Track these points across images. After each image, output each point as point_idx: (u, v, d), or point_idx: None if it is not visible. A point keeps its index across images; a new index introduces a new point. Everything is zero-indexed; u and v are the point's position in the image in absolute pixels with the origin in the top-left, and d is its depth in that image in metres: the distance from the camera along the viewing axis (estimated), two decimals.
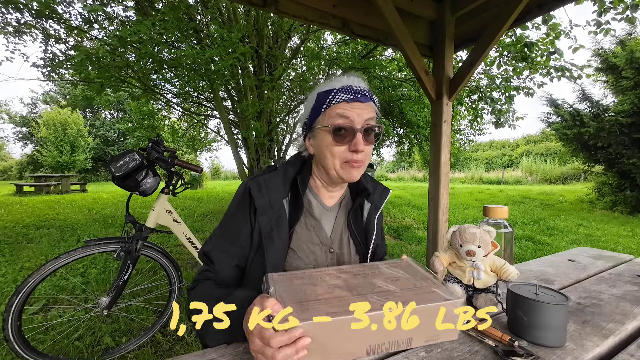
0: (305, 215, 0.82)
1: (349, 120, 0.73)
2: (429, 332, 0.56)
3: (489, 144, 31.23)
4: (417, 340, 0.56)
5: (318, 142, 0.78)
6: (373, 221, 0.86)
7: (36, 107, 25.54)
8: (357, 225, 0.86)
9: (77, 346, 1.82)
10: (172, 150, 1.85)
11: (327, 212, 0.85)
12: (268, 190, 0.76)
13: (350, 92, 0.74)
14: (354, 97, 0.74)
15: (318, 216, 0.83)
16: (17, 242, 3.95)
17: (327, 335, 0.50)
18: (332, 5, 1.85)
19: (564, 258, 1.19)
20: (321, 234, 0.82)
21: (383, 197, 0.90)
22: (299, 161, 0.86)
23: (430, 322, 0.55)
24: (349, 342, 0.52)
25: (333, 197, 0.87)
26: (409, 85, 5.59)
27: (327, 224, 0.84)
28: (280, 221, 0.75)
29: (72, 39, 4.42)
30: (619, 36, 7.24)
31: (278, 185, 0.78)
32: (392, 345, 0.55)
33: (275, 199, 0.76)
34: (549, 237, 4.77)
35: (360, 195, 0.86)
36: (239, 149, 5.53)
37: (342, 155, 0.75)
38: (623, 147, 6.86)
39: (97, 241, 1.64)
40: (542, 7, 1.83)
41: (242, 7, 5.01)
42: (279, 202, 0.76)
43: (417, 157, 13.81)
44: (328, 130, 0.74)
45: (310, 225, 0.81)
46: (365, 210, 0.87)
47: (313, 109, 0.77)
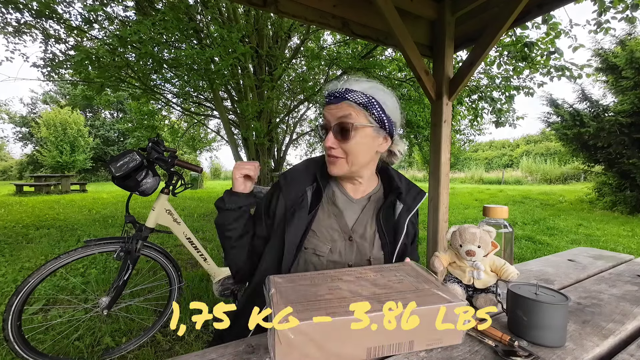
0: (328, 203, 0.89)
1: (326, 120, 0.83)
2: (431, 335, 0.56)
3: (489, 144, 31.24)
4: (419, 343, 0.55)
5: None
6: (404, 222, 0.88)
7: (36, 107, 25.58)
8: (387, 223, 0.89)
9: (77, 346, 1.82)
10: (172, 150, 1.85)
11: (352, 203, 0.90)
12: (292, 179, 0.88)
13: (327, 96, 0.83)
14: (328, 100, 0.83)
15: (341, 206, 0.88)
16: (17, 242, 3.95)
17: (327, 336, 0.49)
18: (332, 5, 1.85)
19: (564, 258, 1.19)
20: (341, 222, 0.87)
21: (417, 200, 0.92)
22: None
23: (432, 324, 0.55)
24: (349, 344, 0.51)
25: (358, 191, 0.91)
26: (409, 85, 5.60)
27: (351, 214, 0.89)
28: (302, 205, 0.84)
29: (72, 39, 4.42)
30: (619, 36, 7.24)
31: (302, 176, 0.89)
32: (393, 348, 0.54)
33: (299, 186, 0.87)
34: (549, 237, 4.77)
35: (392, 194, 0.90)
36: (239, 149, 5.54)
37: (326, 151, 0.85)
38: (623, 147, 6.86)
39: (97, 241, 1.64)
40: (542, 7, 1.83)
41: (242, 7, 5.01)
42: (302, 190, 0.86)
43: (417, 157, 13.82)
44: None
45: (332, 213, 0.87)
46: (398, 210, 0.90)
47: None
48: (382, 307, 0.52)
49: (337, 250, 0.84)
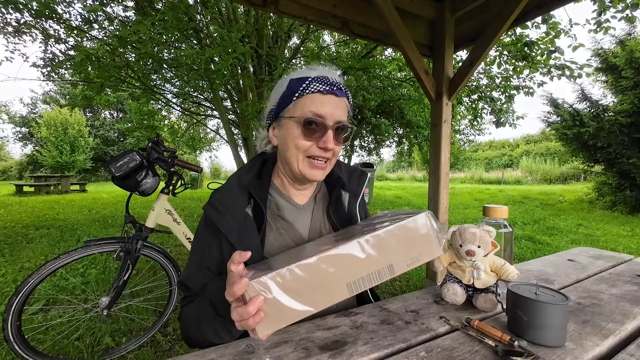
0: (275, 219, 0.77)
1: (321, 114, 0.68)
2: (408, 253, 0.54)
3: (489, 144, 31.25)
4: (399, 265, 0.54)
5: (283, 133, 0.72)
6: (355, 210, 0.82)
7: (36, 107, 25.57)
8: (340, 219, 0.80)
9: (77, 346, 1.82)
10: (172, 150, 1.85)
11: (300, 211, 0.79)
12: (225, 207, 0.71)
13: (326, 83, 0.68)
14: (329, 89, 0.69)
15: (290, 218, 0.77)
16: (17, 242, 3.95)
17: (302, 284, 0.49)
18: (332, 5, 1.85)
19: (563, 258, 1.19)
20: (295, 236, 0.76)
21: (361, 184, 0.85)
22: (257, 164, 0.81)
23: (403, 243, 0.54)
24: (326, 286, 0.50)
25: (304, 195, 0.81)
26: (409, 85, 5.60)
27: (302, 224, 0.78)
28: (249, 229, 0.70)
29: (72, 39, 4.42)
30: (619, 36, 7.24)
31: (235, 196, 0.73)
32: (373, 278, 0.53)
33: (237, 212, 0.71)
34: (549, 237, 4.77)
35: (337, 187, 0.82)
36: (239, 149, 5.54)
37: (309, 150, 0.70)
38: (623, 147, 6.87)
39: (97, 241, 1.64)
40: (542, 7, 1.83)
41: (241, 7, 5.00)
42: (242, 213, 0.71)
43: (417, 157, 13.83)
44: (298, 121, 0.68)
45: (283, 229, 0.76)
46: (345, 200, 0.82)
47: (283, 96, 0.71)
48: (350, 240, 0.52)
49: None
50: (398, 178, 23.64)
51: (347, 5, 1.90)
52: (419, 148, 7.47)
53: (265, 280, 0.47)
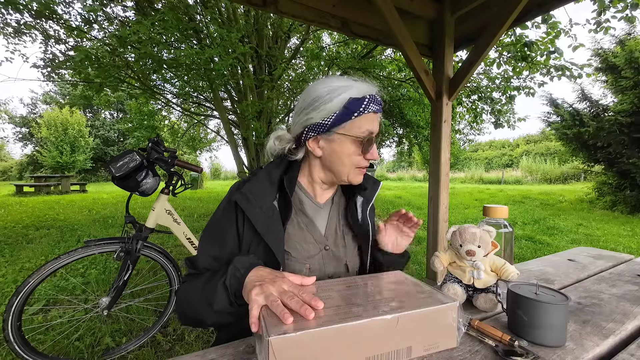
0: (297, 213, 0.81)
1: (374, 132, 0.75)
2: (428, 339, 0.55)
3: (489, 144, 31.26)
4: (417, 349, 0.55)
5: (335, 148, 0.76)
6: (366, 215, 0.86)
7: (36, 107, 25.58)
8: (354, 221, 0.85)
9: (77, 346, 1.82)
10: (172, 151, 1.85)
11: (319, 209, 0.84)
12: (255, 197, 0.74)
13: (378, 104, 0.75)
14: (379, 109, 0.76)
15: (311, 214, 0.82)
16: (17, 242, 3.95)
17: (323, 347, 0.48)
18: (332, 5, 1.85)
19: (564, 258, 1.19)
20: (315, 232, 0.81)
21: (374, 190, 0.89)
22: (283, 163, 0.83)
23: (428, 328, 0.54)
24: (347, 354, 0.50)
25: (326, 194, 0.86)
26: (409, 85, 5.60)
27: (320, 221, 0.83)
28: (275, 221, 0.74)
29: (71, 39, 4.42)
30: (619, 36, 7.25)
31: (265, 189, 0.76)
32: (391, 356, 0.53)
33: (266, 203, 0.74)
34: (549, 236, 4.77)
35: (357, 191, 0.86)
36: (239, 149, 5.54)
37: (359, 162, 0.77)
38: (623, 146, 6.87)
39: (97, 241, 1.64)
40: (542, 7, 1.83)
41: (241, 7, 5.00)
42: (270, 206, 0.75)
43: (417, 157, 13.83)
44: (355, 140, 0.74)
45: (303, 224, 0.80)
46: (359, 204, 0.86)
47: (341, 113, 0.72)
48: (378, 313, 0.51)
49: (316, 265, 0.79)
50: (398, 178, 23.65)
51: (346, 5, 1.90)
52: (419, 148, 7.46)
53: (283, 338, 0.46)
